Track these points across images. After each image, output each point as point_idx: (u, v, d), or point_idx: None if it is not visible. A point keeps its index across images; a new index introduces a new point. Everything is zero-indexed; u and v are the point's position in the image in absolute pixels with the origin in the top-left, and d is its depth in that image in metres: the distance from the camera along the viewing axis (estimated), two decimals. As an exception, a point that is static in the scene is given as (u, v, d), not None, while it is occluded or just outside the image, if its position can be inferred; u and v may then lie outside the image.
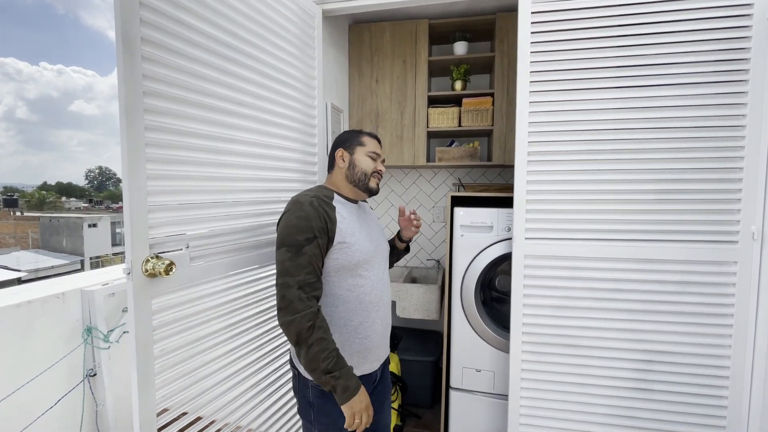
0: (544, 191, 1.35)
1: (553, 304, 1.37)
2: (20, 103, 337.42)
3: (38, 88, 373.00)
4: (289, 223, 0.97)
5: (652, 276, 1.30)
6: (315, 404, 1.04)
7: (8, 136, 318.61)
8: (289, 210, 1.00)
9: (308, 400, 1.06)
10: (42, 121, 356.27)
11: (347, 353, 1.03)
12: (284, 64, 1.38)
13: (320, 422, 1.05)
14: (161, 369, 0.95)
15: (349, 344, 1.04)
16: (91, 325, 1.40)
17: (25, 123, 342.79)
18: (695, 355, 1.29)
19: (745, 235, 1.23)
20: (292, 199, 1.03)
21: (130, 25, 0.84)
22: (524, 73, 1.34)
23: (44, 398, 1.27)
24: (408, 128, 2.16)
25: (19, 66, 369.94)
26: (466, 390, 1.77)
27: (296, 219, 0.96)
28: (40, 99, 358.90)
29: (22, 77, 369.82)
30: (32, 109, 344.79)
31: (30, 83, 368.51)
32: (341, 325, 1.04)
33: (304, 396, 1.07)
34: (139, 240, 0.88)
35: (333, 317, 1.04)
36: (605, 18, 1.27)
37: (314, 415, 1.05)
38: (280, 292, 0.93)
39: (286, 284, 0.93)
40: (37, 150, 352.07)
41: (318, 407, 1.04)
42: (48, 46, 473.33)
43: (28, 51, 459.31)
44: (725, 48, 1.21)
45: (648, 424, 1.33)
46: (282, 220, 1.00)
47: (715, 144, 1.24)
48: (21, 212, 26.21)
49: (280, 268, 0.95)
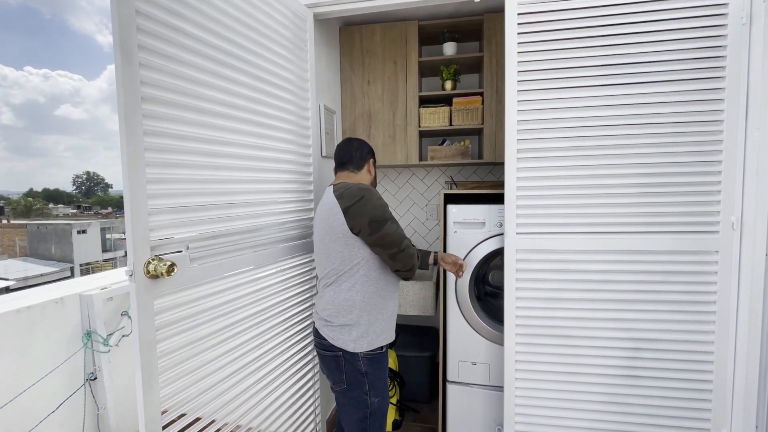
0: (533, 187, 1.40)
1: (544, 296, 1.42)
2: (5, 109, 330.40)
3: (24, 93, 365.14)
4: (378, 204, 1.19)
5: (639, 266, 1.35)
6: (368, 372, 1.22)
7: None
8: (364, 197, 1.18)
9: (360, 371, 1.21)
10: (28, 127, 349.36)
11: (383, 319, 1.26)
12: (278, 67, 1.40)
13: (374, 387, 1.23)
14: (164, 368, 0.97)
15: (384, 312, 1.26)
16: (91, 329, 1.41)
17: (11, 129, 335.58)
18: (681, 342, 1.35)
19: (725, 225, 1.29)
20: (361, 186, 1.21)
21: (128, 33, 0.86)
22: (512, 73, 1.38)
23: (46, 402, 1.27)
24: (400, 128, 2.19)
25: (4, 71, 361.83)
26: (462, 383, 1.81)
27: (378, 200, 1.20)
28: (26, 104, 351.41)
29: (7, 82, 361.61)
30: (17, 115, 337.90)
31: (15, 88, 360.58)
32: (381, 296, 1.25)
33: (355, 369, 1.22)
34: (141, 242, 0.90)
35: (375, 289, 1.23)
36: (589, 18, 1.32)
37: (368, 383, 1.22)
38: (406, 254, 1.21)
39: (407, 246, 1.22)
40: (22, 156, 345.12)
41: (371, 374, 1.22)
42: (34, 51, 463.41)
43: (14, 56, 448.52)
44: (703, 46, 1.27)
45: (637, 409, 1.38)
46: (366, 204, 1.17)
47: (695, 138, 1.29)
48: (7, 220, 25.71)
49: (396, 237, 1.19)
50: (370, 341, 1.22)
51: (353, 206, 1.16)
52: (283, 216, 1.45)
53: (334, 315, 1.23)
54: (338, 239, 1.19)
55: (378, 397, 1.24)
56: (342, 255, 1.20)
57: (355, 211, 1.16)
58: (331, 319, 1.23)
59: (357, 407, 1.23)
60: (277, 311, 1.42)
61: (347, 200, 1.17)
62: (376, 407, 1.24)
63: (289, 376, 1.50)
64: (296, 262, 1.54)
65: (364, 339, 1.21)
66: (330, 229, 1.20)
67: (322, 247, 1.25)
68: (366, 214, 1.16)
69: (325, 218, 1.22)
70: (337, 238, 1.19)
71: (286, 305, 1.47)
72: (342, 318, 1.21)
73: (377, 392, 1.24)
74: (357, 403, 1.23)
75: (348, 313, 1.21)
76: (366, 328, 1.21)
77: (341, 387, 1.25)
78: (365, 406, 1.23)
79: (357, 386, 1.22)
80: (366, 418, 1.23)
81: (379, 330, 1.24)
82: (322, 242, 1.24)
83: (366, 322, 1.22)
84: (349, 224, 1.16)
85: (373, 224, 1.16)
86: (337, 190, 1.22)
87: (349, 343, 1.21)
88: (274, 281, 1.40)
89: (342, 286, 1.22)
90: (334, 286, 1.24)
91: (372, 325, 1.23)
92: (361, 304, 1.21)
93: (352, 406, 1.24)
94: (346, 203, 1.17)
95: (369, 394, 1.22)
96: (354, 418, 1.24)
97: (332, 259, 1.22)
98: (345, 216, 1.16)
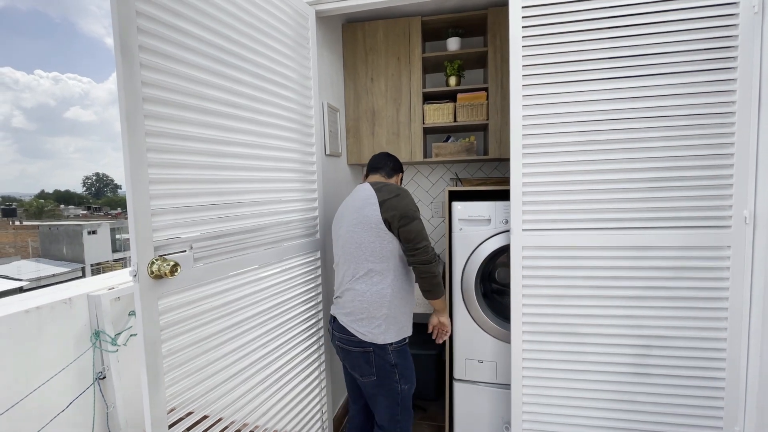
0: (539, 183, 1.38)
1: (551, 293, 1.40)
2: (17, 112, 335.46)
3: (35, 96, 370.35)
4: (411, 203, 1.30)
5: (648, 263, 1.33)
6: (398, 363, 1.30)
7: (5, 145, 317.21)
8: (400, 194, 1.30)
9: (391, 363, 1.29)
10: (38, 129, 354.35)
11: (407, 312, 1.35)
12: (280, 66, 1.39)
13: (404, 376, 1.32)
14: (169, 367, 0.98)
15: (408, 305, 1.36)
16: (99, 328, 1.43)
17: (22, 132, 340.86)
18: (692, 339, 1.32)
19: (737, 219, 1.26)
20: (397, 187, 1.33)
21: (128, 34, 0.86)
22: (517, 67, 1.35)
23: (56, 402, 1.29)
24: (404, 125, 2.18)
25: (16, 75, 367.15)
26: (469, 381, 1.80)
27: (412, 201, 1.32)
28: (37, 107, 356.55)
29: (19, 86, 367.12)
30: (29, 118, 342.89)
31: (26, 92, 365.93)
32: (406, 290, 1.35)
33: (386, 361, 1.29)
34: (144, 243, 0.90)
35: (402, 283, 1.32)
36: (595, 10, 1.29)
37: (399, 373, 1.31)
38: (426, 248, 1.27)
39: (428, 243, 1.29)
40: (34, 158, 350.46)
41: (400, 364, 1.31)
42: (44, 55, 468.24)
43: (24, 60, 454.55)
44: (714, 36, 1.23)
45: (647, 407, 1.36)
46: (398, 203, 1.27)
47: (706, 131, 1.26)
48: (20, 221, 26.18)
49: (421, 235, 1.27)
50: (397, 333, 1.30)
51: (390, 200, 1.27)
52: (287, 215, 1.45)
53: (365, 309, 1.27)
54: (371, 229, 1.26)
55: (407, 384, 1.33)
56: (373, 247, 1.27)
57: (391, 204, 1.26)
58: (362, 314, 1.28)
59: (388, 396, 1.32)
60: (282, 310, 1.42)
61: (385, 194, 1.28)
62: (406, 393, 1.33)
63: (295, 374, 1.50)
64: (301, 260, 1.53)
65: (392, 331, 1.28)
66: (364, 218, 1.27)
67: (351, 238, 1.30)
68: (400, 208, 1.26)
69: (359, 208, 1.29)
70: (370, 228, 1.26)
71: (291, 304, 1.47)
72: (374, 311, 1.27)
73: (406, 380, 1.33)
74: (388, 392, 1.31)
75: (379, 307, 1.27)
76: (394, 322, 1.29)
77: (371, 379, 1.31)
78: (396, 394, 1.31)
79: (387, 377, 1.29)
80: (397, 405, 1.32)
81: (404, 322, 1.33)
82: (352, 232, 1.30)
83: (393, 315, 1.29)
84: (384, 215, 1.25)
85: (403, 219, 1.25)
86: (375, 185, 1.33)
87: (379, 336, 1.27)
88: (278, 280, 1.40)
89: (373, 279, 1.27)
90: (365, 279, 1.28)
91: (398, 318, 1.30)
92: (391, 298, 1.27)
93: (383, 396, 1.32)
94: (384, 196, 1.28)
95: (399, 382, 1.31)
96: (385, 405, 1.33)
97: (363, 250, 1.28)
98: (381, 207, 1.26)
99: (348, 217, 1.33)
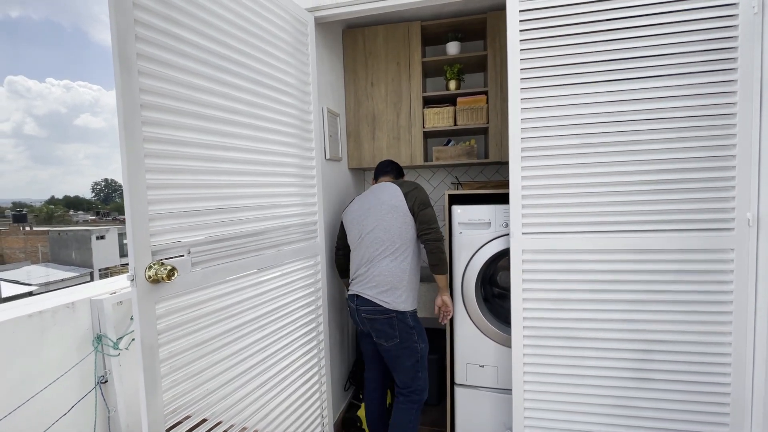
0: (539, 186, 1.37)
1: (552, 297, 1.39)
2: (29, 120, 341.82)
3: (46, 104, 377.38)
4: (426, 195, 1.62)
5: (650, 266, 1.31)
6: (414, 325, 1.57)
7: (17, 152, 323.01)
8: (417, 187, 1.63)
9: (410, 325, 1.56)
10: (49, 136, 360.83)
11: (417, 288, 1.63)
12: (278, 72, 1.41)
13: (420, 335, 1.59)
14: (168, 371, 0.98)
15: (418, 280, 1.64)
16: (101, 333, 1.44)
17: (34, 139, 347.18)
18: (695, 344, 1.30)
19: (740, 221, 1.24)
20: (413, 183, 1.64)
21: (126, 42, 0.87)
22: (515, 71, 1.35)
23: (58, 405, 1.30)
24: (405, 129, 2.18)
25: (28, 84, 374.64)
26: (470, 386, 1.78)
27: (426, 193, 1.63)
28: (48, 115, 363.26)
29: (31, 95, 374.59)
30: (40, 125, 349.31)
31: (38, 100, 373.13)
32: (418, 268, 1.64)
33: (406, 324, 1.55)
34: (142, 247, 0.91)
35: (416, 262, 1.62)
36: (593, 13, 1.29)
37: (417, 333, 1.58)
38: (437, 230, 1.57)
39: (438, 226, 1.58)
40: (44, 165, 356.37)
41: (416, 327, 1.58)
42: (56, 63, 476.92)
43: (37, 69, 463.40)
44: (714, 38, 1.22)
45: (650, 413, 1.34)
46: (417, 194, 1.60)
47: (707, 133, 1.25)
48: (30, 227, 26.58)
49: (435, 218, 1.59)
50: (412, 302, 1.59)
51: (411, 191, 1.60)
52: (286, 219, 1.45)
53: (389, 282, 1.54)
54: (400, 216, 1.56)
55: (424, 343, 1.60)
56: (401, 230, 1.56)
57: (412, 195, 1.59)
58: (387, 286, 1.54)
59: (410, 355, 1.56)
60: (281, 314, 1.42)
61: (406, 187, 1.61)
62: (424, 351, 1.59)
63: (295, 378, 1.50)
64: (301, 264, 1.54)
65: (409, 300, 1.57)
66: (394, 208, 1.58)
67: (380, 224, 1.58)
68: (418, 197, 1.59)
69: (388, 200, 1.59)
70: (399, 215, 1.56)
71: (291, 308, 1.48)
72: (397, 283, 1.54)
73: (423, 339, 1.60)
74: (410, 352, 1.56)
75: (401, 281, 1.55)
76: (409, 293, 1.57)
77: (394, 342, 1.55)
78: (416, 352, 1.57)
79: (408, 338, 1.55)
80: (418, 362, 1.58)
81: (416, 294, 1.62)
82: (382, 219, 1.59)
83: (410, 288, 1.58)
84: (408, 203, 1.57)
85: (422, 205, 1.58)
86: (395, 182, 1.68)
87: (400, 304, 1.54)
88: (277, 284, 1.41)
89: (398, 257, 1.56)
90: (392, 257, 1.56)
91: (413, 290, 1.59)
92: (410, 274, 1.57)
93: (406, 355, 1.56)
94: (406, 189, 1.61)
95: (417, 341, 1.57)
96: (408, 364, 1.57)
97: (392, 233, 1.56)
98: (405, 197, 1.58)
99: (376, 207, 1.61)
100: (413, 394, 1.59)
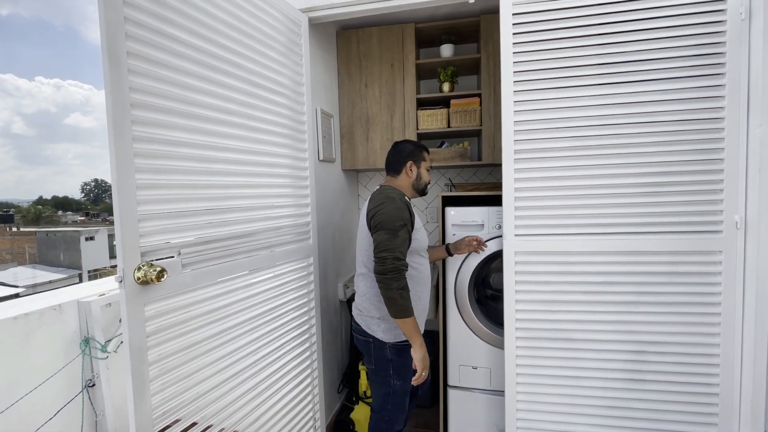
0: (532, 188, 1.38)
1: (544, 299, 1.39)
2: (17, 119, 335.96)
3: (35, 103, 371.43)
4: (390, 213, 1.27)
5: (641, 268, 1.32)
6: (393, 359, 1.37)
7: (4, 151, 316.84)
8: (383, 203, 1.29)
9: (387, 357, 1.37)
10: (38, 136, 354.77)
11: None
12: (271, 72, 1.40)
13: (398, 372, 1.37)
14: (157, 374, 0.97)
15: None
16: (89, 335, 1.41)
17: (22, 138, 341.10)
18: (685, 344, 1.31)
19: (728, 224, 1.26)
20: (389, 194, 1.32)
21: (116, 40, 0.86)
22: (508, 73, 1.36)
23: (44, 409, 1.27)
24: (398, 131, 2.18)
25: (18, 82, 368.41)
26: (463, 388, 1.78)
27: (394, 210, 1.27)
28: (37, 114, 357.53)
29: (20, 93, 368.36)
30: (29, 124, 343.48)
31: (27, 98, 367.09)
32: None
33: (383, 355, 1.37)
34: (131, 248, 0.90)
35: None
36: (585, 17, 1.30)
37: (393, 368, 1.37)
38: (383, 260, 1.23)
39: (389, 255, 1.23)
40: (32, 164, 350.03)
41: (395, 361, 1.37)
42: (46, 62, 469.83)
43: (26, 67, 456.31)
44: (702, 43, 1.24)
45: (641, 413, 1.35)
46: (379, 210, 1.28)
47: (696, 136, 1.27)
48: (17, 227, 26.09)
49: (385, 244, 1.24)
50: (396, 335, 1.36)
51: (374, 207, 1.32)
52: (278, 220, 1.44)
53: (365, 307, 1.39)
54: (365, 236, 1.35)
55: (400, 381, 1.38)
56: (369, 252, 1.32)
57: (373, 212, 1.31)
58: (363, 310, 1.40)
59: (381, 386, 1.41)
60: (272, 316, 1.41)
61: (374, 201, 1.34)
62: (398, 388, 1.39)
63: (287, 381, 1.48)
64: (293, 266, 1.53)
65: (391, 332, 1.36)
66: (363, 225, 1.37)
67: (358, 240, 1.42)
68: (378, 216, 1.29)
69: (363, 215, 1.38)
70: (364, 235, 1.35)
71: (283, 310, 1.47)
72: (372, 310, 1.37)
73: (400, 377, 1.38)
74: (382, 383, 1.41)
75: (378, 309, 1.35)
76: (391, 323, 1.34)
77: (370, 366, 1.42)
78: (388, 386, 1.39)
79: (383, 369, 1.39)
80: (389, 395, 1.41)
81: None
82: (359, 235, 1.41)
83: (389, 319, 1.34)
84: (368, 222, 1.32)
85: (375, 227, 1.29)
86: (374, 192, 1.40)
87: (379, 332, 1.37)
88: (269, 286, 1.39)
89: (368, 281, 1.36)
90: (364, 279, 1.39)
91: (394, 323, 1.33)
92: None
93: (378, 385, 1.42)
94: (371, 204, 1.34)
95: (392, 377, 1.38)
96: (380, 392, 1.42)
97: (362, 254, 1.38)
98: (368, 215, 1.33)
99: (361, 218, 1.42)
100: (380, 422, 1.43)
